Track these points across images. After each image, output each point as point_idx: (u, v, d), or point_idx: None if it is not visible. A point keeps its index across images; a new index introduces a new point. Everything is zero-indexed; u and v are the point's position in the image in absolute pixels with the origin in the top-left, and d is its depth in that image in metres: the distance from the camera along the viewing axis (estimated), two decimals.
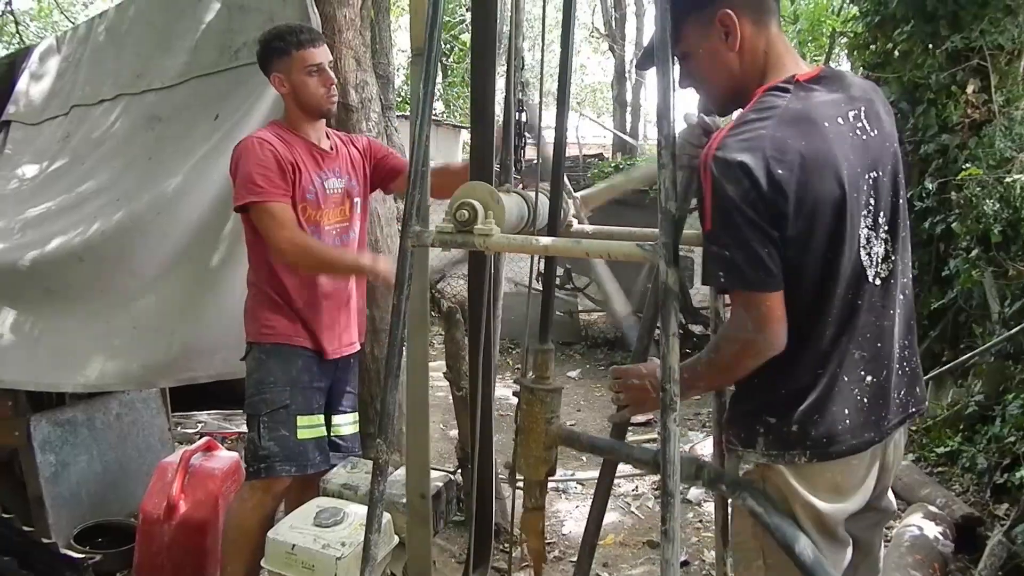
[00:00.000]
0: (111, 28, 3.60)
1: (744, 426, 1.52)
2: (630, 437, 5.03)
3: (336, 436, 2.62)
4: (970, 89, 4.84)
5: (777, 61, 1.48)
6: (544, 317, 1.71)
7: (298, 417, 2.39)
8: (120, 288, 2.96)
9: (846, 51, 7.30)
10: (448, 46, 19.55)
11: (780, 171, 1.31)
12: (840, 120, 1.42)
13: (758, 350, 1.39)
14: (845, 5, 7.15)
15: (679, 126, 1.64)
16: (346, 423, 2.67)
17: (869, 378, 1.49)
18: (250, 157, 2.29)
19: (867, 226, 1.44)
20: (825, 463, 1.47)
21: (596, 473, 4.48)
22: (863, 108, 1.48)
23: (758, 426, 1.48)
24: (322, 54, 2.39)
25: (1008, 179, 3.75)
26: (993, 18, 4.60)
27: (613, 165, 10.00)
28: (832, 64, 10.97)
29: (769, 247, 1.33)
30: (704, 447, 4.51)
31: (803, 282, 1.39)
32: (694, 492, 3.88)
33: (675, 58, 1.51)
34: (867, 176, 1.44)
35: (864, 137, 1.45)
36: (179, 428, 4.44)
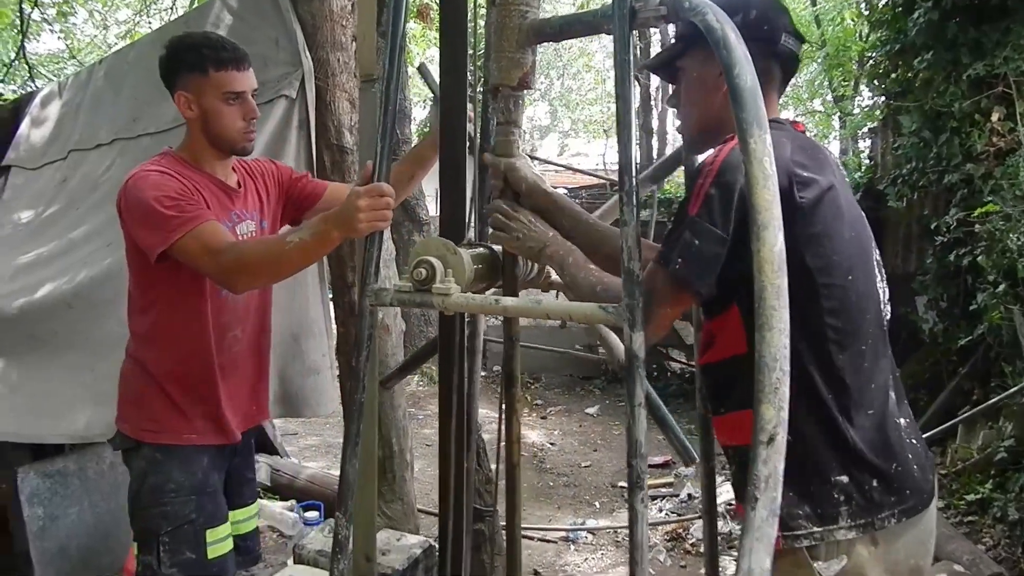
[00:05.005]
0: (110, 73, 3.60)
1: (815, 499, 1.28)
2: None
3: (234, 535, 2.07)
4: (995, 117, 4.68)
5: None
6: None
7: (207, 531, 1.92)
8: (108, 335, 2.89)
9: (866, 79, 7.16)
10: None
11: (805, 174, 1.28)
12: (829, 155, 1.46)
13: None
14: (870, 32, 7.03)
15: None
16: (246, 518, 2.17)
17: (903, 420, 1.39)
18: (147, 191, 1.79)
19: (876, 259, 1.45)
20: (911, 522, 1.31)
21: (609, 522, 4.36)
22: (831, 154, 1.51)
23: (834, 493, 1.28)
24: (246, 80, 1.91)
25: None
26: (1016, 44, 4.46)
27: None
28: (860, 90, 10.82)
29: (726, 255, 1.24)
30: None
31: (847, 307, 1.31)
32: None
33: (672, 72, 1.55)
34: (859, 209, 1.45)
35: (845, 177, 1.48)
36: None
